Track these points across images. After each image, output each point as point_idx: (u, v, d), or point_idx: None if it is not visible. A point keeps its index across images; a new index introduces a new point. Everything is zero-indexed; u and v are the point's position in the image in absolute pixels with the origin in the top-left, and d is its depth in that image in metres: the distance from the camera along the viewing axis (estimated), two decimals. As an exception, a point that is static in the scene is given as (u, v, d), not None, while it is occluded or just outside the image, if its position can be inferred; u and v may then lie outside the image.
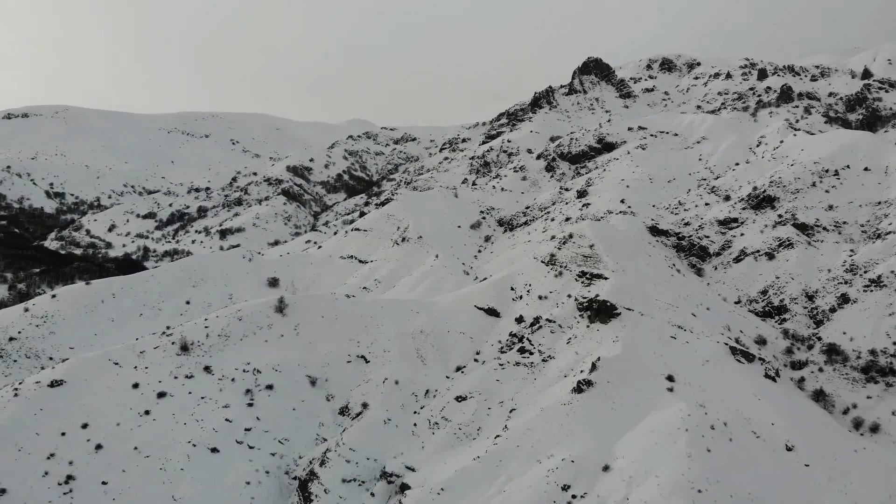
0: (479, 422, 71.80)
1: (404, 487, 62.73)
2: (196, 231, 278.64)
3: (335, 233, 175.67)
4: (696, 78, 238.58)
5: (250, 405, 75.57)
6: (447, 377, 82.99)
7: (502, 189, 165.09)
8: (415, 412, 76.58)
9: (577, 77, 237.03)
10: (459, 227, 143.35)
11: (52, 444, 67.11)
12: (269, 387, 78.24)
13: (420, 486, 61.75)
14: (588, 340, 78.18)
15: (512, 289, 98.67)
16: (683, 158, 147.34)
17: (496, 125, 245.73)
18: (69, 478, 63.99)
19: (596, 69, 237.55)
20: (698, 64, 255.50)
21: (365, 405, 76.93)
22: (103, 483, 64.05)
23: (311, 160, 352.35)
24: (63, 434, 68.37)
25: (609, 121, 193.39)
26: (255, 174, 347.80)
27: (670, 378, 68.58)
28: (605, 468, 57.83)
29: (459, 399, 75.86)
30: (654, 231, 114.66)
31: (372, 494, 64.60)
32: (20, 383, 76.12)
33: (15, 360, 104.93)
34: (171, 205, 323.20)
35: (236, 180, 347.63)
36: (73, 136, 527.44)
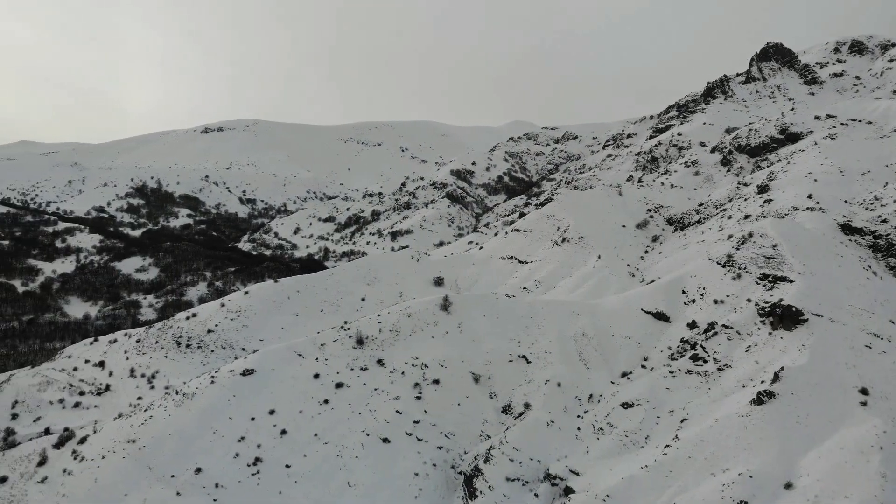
0: (646, 430, 69.04)
1: (568, 491, 61.88)
2: (370, 233, 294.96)
3: (496, 234, 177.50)
4: (892, 60, 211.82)
5: (418, 398, 78.45)
6: (612, 382, 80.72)
7: (672, 185, 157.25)
8: (578, 416, 75.29)
9: (754, 64, 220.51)
10: (624, 226, 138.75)
11: (242, 428, 73.90)
12: (436, 381, 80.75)
13: (585, 491, 60.60)
14: (770, 349, 72.32)
15: (683, 292, 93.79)
16: (879, 148, 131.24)
17: (664, 118, 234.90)
18: (257, 460, 70.15)
19: (776, 55, 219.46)
20: (893, 45, 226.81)
21: (527, 405, 76.95)
22: (287, 466, 69.55)
23: (473, 163, 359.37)
24: (252, 419, 75.09)
25: (793, 109, 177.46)
26: (421, 179, 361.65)
27: (864, 391, 61.58)
28: (788, 486, 53.17)
29: (626, 406, 73.46)
30: (847, 229, 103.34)
31: (536, 495, 64.38)
32: (216, 371, 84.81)
33: (213, 350, 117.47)
34: (348, 209, 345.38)
35: (405, 185, 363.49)
36: (262, 148, 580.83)
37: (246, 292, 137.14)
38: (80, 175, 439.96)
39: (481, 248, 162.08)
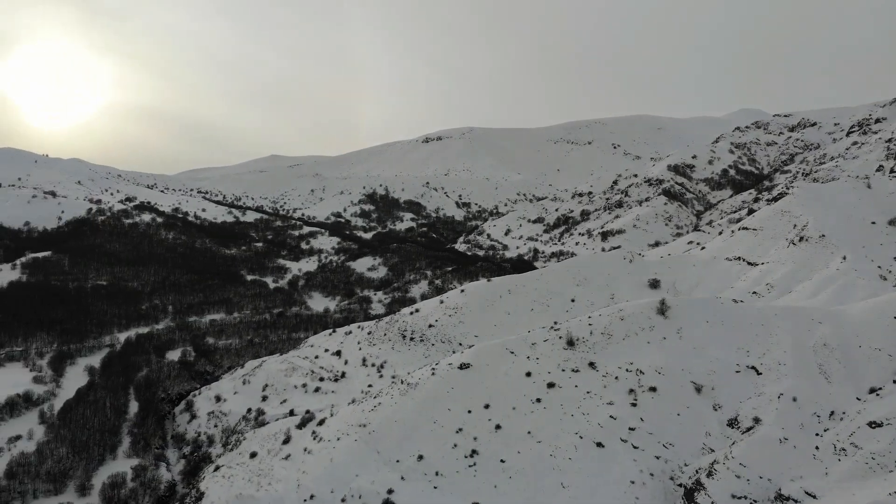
0: (900, 454, 60.13)
1: (805, 516, 56.01)
2: (580, 233, 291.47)
3: (720, 233, 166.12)
4: None
5: (633, 405, 76.06)
6: (857, 399, 71.46)
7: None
8: (816, 434, 67.71)
9: None
10: (874, 223, 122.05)
11: (460, 420, 77.23)
12: (653, 389, 77.66)
13: (825, 517, 54.44)
14: None
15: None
16: None
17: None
18: (473, 452, 72.87)
19: None
20: None
21: (757, 420, 70.93)
22: (501, 461, 71.37)
23: (694, 157, 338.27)
24: (469, 412, 78.17)
25: None
26: (635, 176, 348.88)
27: None
28: None
29: (873, 425, 64.61)
30: None
31: (766, 517, 59.19)
32: (436, 364, 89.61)
33: (433, 344, 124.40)
34: (556, 210, 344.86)
35: (617, 183, 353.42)
36: (476, 154, 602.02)
37: (462, 290, 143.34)
38: (321, 184, 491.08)
39: (703, 248, 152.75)
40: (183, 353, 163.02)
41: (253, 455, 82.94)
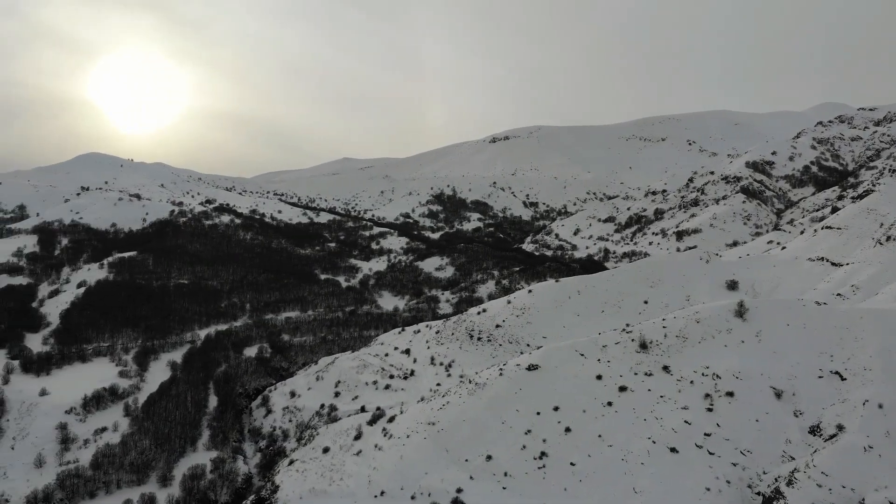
0: None
1: (895, 531, 53.09)
2: (653, 233, 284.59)
3: (801, 232, 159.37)
4: None
5: (709, 410, 73.89)
6: (956, 408, 67.14)
7: None
8: (908, 444, 64.03)
9: None
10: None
11: (529, 422, 76.84)
12: (730, 394, 75.24)
13: (918, 534, 51.46)
14: None
15: None
16: None
17: None
18: (543, 454, 72.37)
19: None
20: None
21: (840, 427, 67.70)
22: (571, 464, 70.63)
23: (773, 153, 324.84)
24: (538, 414, 77.69)
25: None
26: (711, 173, 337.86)
27: None
28: None
29: (973, 437, 60.60)
30: None
31: (851, 530, 56.44)
32: (504, 365, 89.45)
33: (500, 344, 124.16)
34: (628, 208, 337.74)
35: (692, 181, 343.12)
36: (544, 152, 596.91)
37: (530, 291, 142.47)
38: (390, 186, 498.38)
39: (784, 248, 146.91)
40: (260, 350, 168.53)
41: (325, 450, 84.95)
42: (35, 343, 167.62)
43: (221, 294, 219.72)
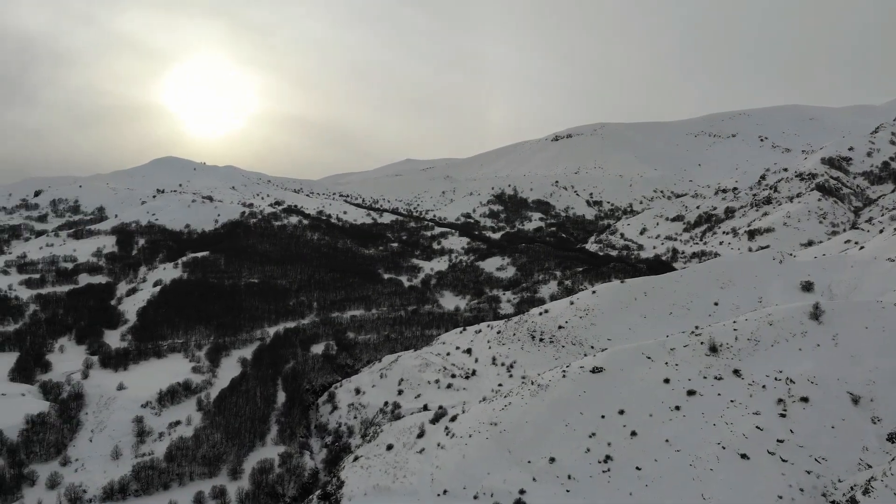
0: None
1: None
2: (723, 232, 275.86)
3: (881, 231, 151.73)
4: None
5: (782, 416, 71.16)
6: None
7: None
8: None
9: None
10: None
11: (593, 425, 75.71)
12: (804, 399, 72.24)
13: None
14: None
15: None
16: None
17: None
18: (607, 457, 71.16)
19: None
20: None
21: (927, 437, 64.02)
22: (637, 469, 69.21)
23: (850, 149, 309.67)
24: (602, 417, 76.48)
25: None
26: (784, 170, 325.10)
27: None
28: None
29: None
30: None
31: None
32: (567, 366, 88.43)
33: (563, 346, 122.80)
34: (697, 207, 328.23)
35: (764, 178, 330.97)
36: (608, 150, 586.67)
37: (594, 291, 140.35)
38: (451, 186, 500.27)
39: (862, 247, 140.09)
40: (326, 347, 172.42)
41: (389, 447, 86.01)
42: (113, 339, 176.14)
43: (290, 293, 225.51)
